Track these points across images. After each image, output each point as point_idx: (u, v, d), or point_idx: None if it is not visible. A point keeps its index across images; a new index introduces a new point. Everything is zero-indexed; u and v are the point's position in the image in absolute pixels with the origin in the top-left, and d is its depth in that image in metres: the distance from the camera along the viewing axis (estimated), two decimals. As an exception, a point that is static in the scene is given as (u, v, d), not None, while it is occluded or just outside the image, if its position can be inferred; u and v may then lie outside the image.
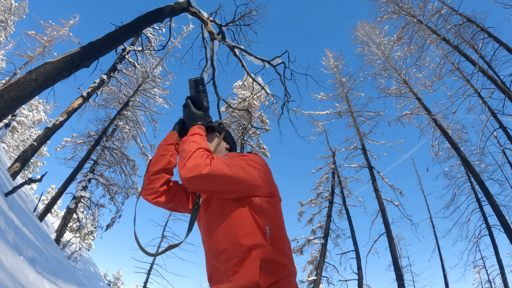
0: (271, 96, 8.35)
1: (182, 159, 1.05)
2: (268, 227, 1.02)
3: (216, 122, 1.31)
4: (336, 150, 17.05)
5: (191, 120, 1.22)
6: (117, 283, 38.08)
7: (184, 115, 1.26)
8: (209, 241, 1.09)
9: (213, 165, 0.99)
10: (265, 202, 1.07)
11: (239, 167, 1.04)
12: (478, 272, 14.40)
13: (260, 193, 1.07)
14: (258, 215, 1.04)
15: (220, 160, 1.02)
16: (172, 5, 6.18)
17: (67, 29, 21.25)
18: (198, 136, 1.13)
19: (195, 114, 1.22)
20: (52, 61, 4.15)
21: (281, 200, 1.18)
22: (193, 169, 0.98)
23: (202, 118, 1.23)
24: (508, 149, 11.48)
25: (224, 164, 1.01)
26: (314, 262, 15.02)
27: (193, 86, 1.23)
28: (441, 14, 10.24)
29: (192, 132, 1.15)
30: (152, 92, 16.79)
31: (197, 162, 0.99)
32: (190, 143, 1.08)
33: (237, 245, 1.00)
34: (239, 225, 1.02)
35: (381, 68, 15.61)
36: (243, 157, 1.14)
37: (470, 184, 14.27)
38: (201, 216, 1.17)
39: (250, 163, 1.10)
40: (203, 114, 1.24)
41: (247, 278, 0.95)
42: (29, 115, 27.41)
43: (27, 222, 6.07)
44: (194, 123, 1.21)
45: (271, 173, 1.17)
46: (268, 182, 1.11)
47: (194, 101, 1.24)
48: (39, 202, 16.44)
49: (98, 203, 14.26)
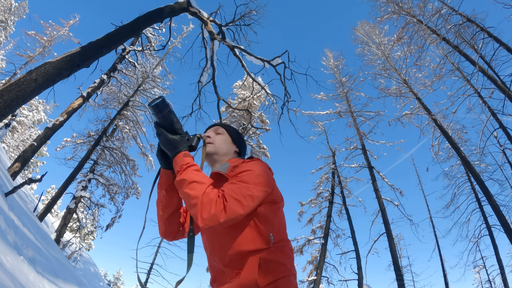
0: (271, 96, 8.35)
1: (192, 206, 0.98)
2: (271, 234, 1.04)
3: (194, 139, 1.19)
4: (336, 150, 17.05)
5: (171, 149, 1.12)
6: (117, 283, 38.10)
7: (162, 145, 1.15)
8: (210, 247, 1.11)
9: (228, 211, 0.95)
10: (268, 209, 1.07)
11: (249, 198, 1.00)
12: (478, 272, 14.40)
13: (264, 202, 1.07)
14: (262, 224, 1.04)
15: (233, 201, 0.97)
16: (172, 5, 6.18)
17: (67, 29, 21.26)
18: (192, 171, 1.05)
19: (172, 141, 1.11)
20: (52, 61, 4.16)
21: (283, 204, 1.17)
22: (210, 220, 0.94)
23: (182, 143, 1.13)
24: (508, 149, 11.48)
25: (237, 204, 0.97)
26: (314, 262, 15.02)
27: (156, 111, 1.10)
28: (441, 14, 10.24)
29: (182, 166, 1.07)
30: (152, 92, 16.79)
31: (212, 212, 0.94)
32: (191, 185, 1.01)
33: (239, 251, 1.01)
34: (243, 235, 1.03)
35: (381, 68, 15.61)
36: (248, 172, 1.07)
37: (470, 184, 14.26)
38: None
39: (257, 179, 1.05)
40: (180, 137, 1.13)
41: (246, 277, 0.97)
42: (29, 115, 27.41)
43: (27, 222, 6.07)
44: (176, 151, 1.11)
45: (273, 179, 1.15)
46: (271, 191, 1.10)
47: (164, 126, 1.13)
48: (39, 202, 16.43)
49: (98, 203, 14.27)
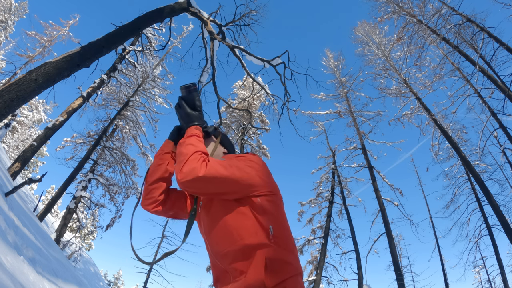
0: (271, 96, 8.35)
1: (179, 163, 1.04)
2: (271, 226, 1.02)
3: (211, 127, 1.28)
4: (336, 150, 17.06)
5: (187, 121, 1.20)
6: (117, 283, 38.09)
7: (179, 117, 1.23)
8: (212, 244, 1.09)
9: (209, 167, 0.99)
10: (266, 201, 1.06)
11: (235, 168, 1.04)
12: (478, 272, 14.41)
13: (260, 192, 1.06)
14: (260, 215, 1.03)
15: (216, 162, 1.03)
16: (172, 5, 6.18)
17: (67, 29, 21.26)
18: (195, 138, 1.11)
19: (190, 115, 1.20)
20: (52, 61, 4.15)
21: (282, 198, 1.16)
22: (189, 173, 0.98)
23: (198, 118, 1.21)
24: (508, 149, 11.49)
25: (220, 166, 1.01)
26: (314, 262, 15.02)
27: (184, 88, 1.22)
28: (441, 14, 10.24)
29: (189, 134, 1.14)
30: (152, 92, 16.79)
31: (193, 165, 0.99)
32: (187, 146, 1.07)
33: (241, 246, 0.99)
34: (242, 226, 1.01)
35: (381, 68, 15.62)
36: (240, 157, 1.13)
37: (470, 184, 14.27)
38: (203, 220, 1.16)
39: (248, 163, 1.09)
40: (198, 113, 1.21)
41: (252, 277, 0.94)
42: (29, 115, 27.41)
43: (27, 222, 6.07)
44: (191, 123, 1.19)
45: (269, 172, 1.16)
46: (267, 181, 1.10)
47: (187, 101, 1.22)
48: (39, 202, 16.44)
49: (98, 203, 14.27)
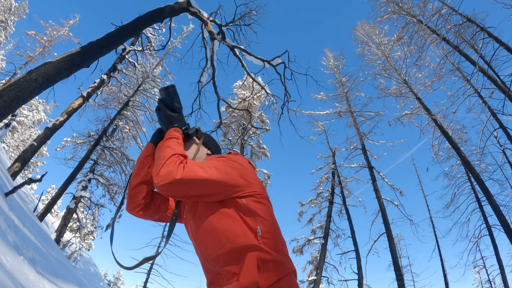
0: (271, 96, 8.35)
1: (156, 166, 1.01)
2: (259, 227, 1.00)
3: (192, 129, 1.25)
4: (336, 150, 17.07)
5: (166, 123, 1.18)
6: (117, 283, 38.11)
7: (158, 120, 1.21)
8: (201, 248, 1.06)
9: (187, 169, 0.97)
10: (251, 201, 1.04)
11: (215, 169, 1.01)
12: (478, 272, 14.40)
13: (244, 193, 1.04)
14: (246, 216, 1.01)
15: (194, 164, 1.00)
16: (172, 5, 6.18)
17: (67, 29, 21.27)
18: (174, 141, 1.10)
19: (169, 117, 1.18)
20: (52, 61, 4.15)
21: (269, 197, 1.14)
22: (166, 176, 0.96)
23: (177, 120, 1.19)
24: (508, 149, 11.49)
25: (198, 167, 0.99)
26: (314, 262, 15.02)
27: (163, 90, 1.21)
28: (441, 14, 10.24)
29: (168, 136, 1.12)
30: (152, 92, 16.78)
31: (170, 168, 0.97)
32: (165, 149, 1.05)
33: (230, 249, 0.97)
34: (229, 229, 0.99)
35: (381, 68, 15.63)
36: (221, 158, 1.11)
37: (470, 184, 14.27)
38: (189, 224, 1.14)
39: (229, 163, 1.07)
40: (178, 115, 1.20)
41: (246, 279, 0.93)
42: (29, 115, 27.41)
43: (27, 222, 6.07)
44: (170, 126, 1.17)
45: (254, 171, 1.14)
46: (251, 181, 1.08)
47: (166, 103, 1.21)
48: (39, 202, 16.44)
49: (98, 203, 14.28)
